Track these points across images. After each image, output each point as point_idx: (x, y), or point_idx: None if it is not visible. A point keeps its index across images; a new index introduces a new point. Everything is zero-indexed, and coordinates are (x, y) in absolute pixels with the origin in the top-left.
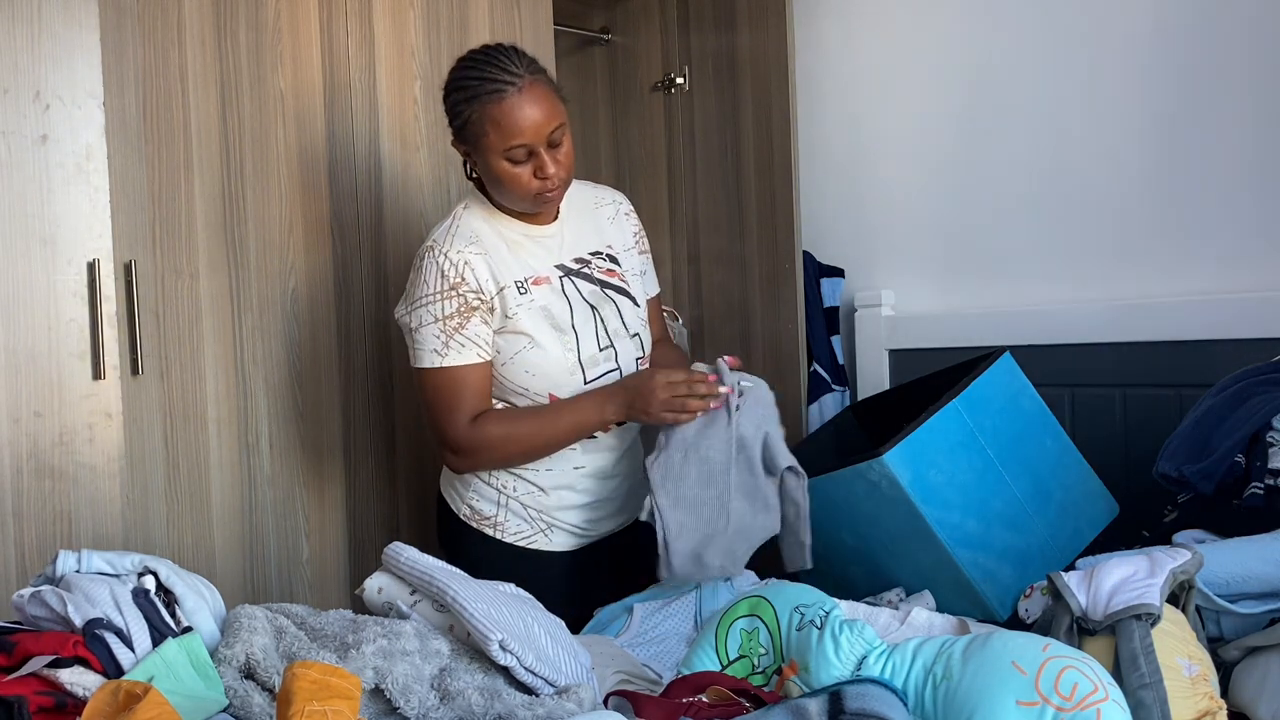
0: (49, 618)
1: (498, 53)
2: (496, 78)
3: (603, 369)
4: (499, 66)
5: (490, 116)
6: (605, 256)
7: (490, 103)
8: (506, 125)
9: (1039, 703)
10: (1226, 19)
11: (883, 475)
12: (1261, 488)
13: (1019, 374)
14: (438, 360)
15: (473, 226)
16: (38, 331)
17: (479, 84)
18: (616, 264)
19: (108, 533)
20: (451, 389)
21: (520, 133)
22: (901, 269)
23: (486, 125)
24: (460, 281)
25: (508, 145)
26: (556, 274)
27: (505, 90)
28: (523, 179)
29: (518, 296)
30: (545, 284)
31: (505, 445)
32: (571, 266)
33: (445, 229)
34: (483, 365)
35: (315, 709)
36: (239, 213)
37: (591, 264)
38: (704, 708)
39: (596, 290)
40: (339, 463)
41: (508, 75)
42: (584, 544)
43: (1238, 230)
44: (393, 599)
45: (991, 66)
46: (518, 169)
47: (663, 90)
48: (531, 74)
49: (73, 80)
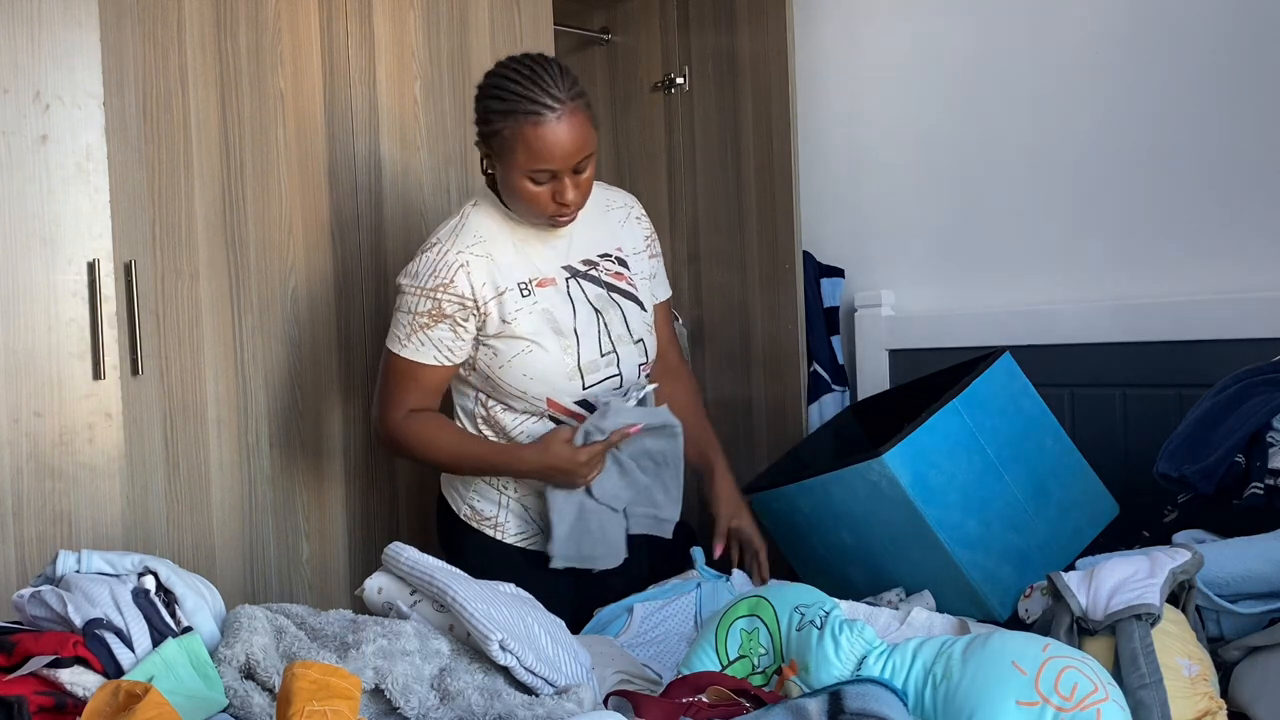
0: (49, 618)
1: (544, 70)
2: (538, 99)
3: (604, 374)
4: (542, 88)
5: (523, 137)
6: (614, 259)
7: (526, 124)
8: (537, 149)
9: (1039, 703)
10: (1226, 19)
11: (883, 475)
12: (1261, 488)
13: (1019, 374)
14: (396, 346)
15: (480, 225)
16: (38, 331)
17: (519, 100)
18: (625, 267)
19: (108, 533)
20: (399, 378)
21: (550, 159)
22: (901, 269)
23: (517, 144)
24: (447, 284)
25: (534, 168)
26: (563, 275)
27: (544, 115)
28: (541, 199)
29: (519, 299)
30: (550, 285)
31: (422, 449)
32: (579, 268)
33: (451, 227)
34: (435, 369)
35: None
36: (239, 213)
37: (599, 266)
38: (704, 708)
39: (602, 294)
40: (339, 463)
41: (550, 99)
42: None
43: (1237, 230)
44: (393, 599)
45: (991, 66)
46: (537, 189)
47: (663, 90)
48: (573, 99)
49: (73, 80)
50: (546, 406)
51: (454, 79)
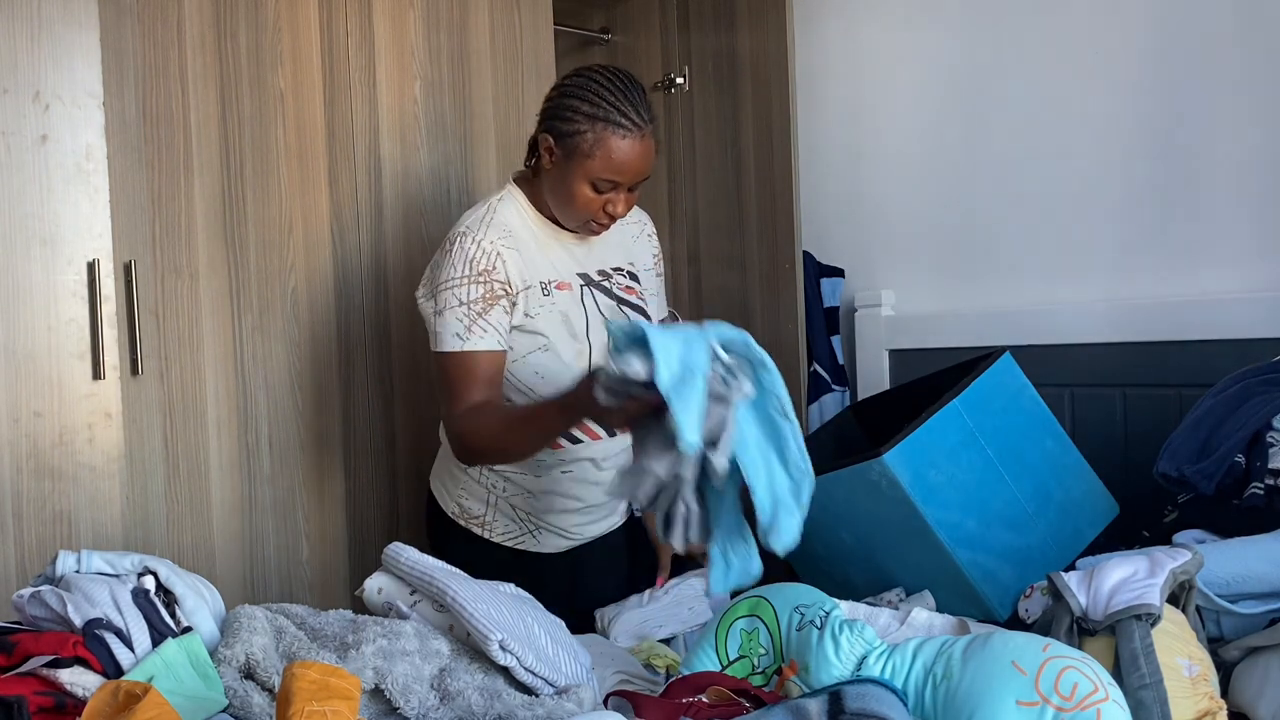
0: (49, 618)
1: (634, 90)
2: (630, 115)
3: None
4: (633, 105)
5: (608, 146)
6: (626, 274)
7: (615, 134)
8: (617, 161)
9: (1039, 703)
10: (1226, 19)
11: (883, 475)
12: (1261, 488)
13: (1019, 374)
14: (459, 344)
15: (508, 219)
16: (38, 331)
17: (612, 110)
18: (636, 281)
19: (108, 533)
20: (466, 374)
21: (623, 173)
22: (901, 269)
23: (598, 150)
24: (490, 269)
25: (603, 176)
26: (578, 282)
27: (633, 132)
28: (593, 206)
29: (541, 298)
30: (567, 290)
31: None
32: (594, 277)
33: (480, 217)
34: (499, 354)
35: (315, 709)
36: (239, 213)
37: (613, 278)
38: (704, 708)
39: (613, 306)
40: (339, 463)
41: (639, 119)
42: (572, 546)
43: (1237, 230)
44: (393, 599)
45: (991, 66)
46: (595, 196)
47: (663, 90)
48: (650, 124)
49: (73, 80)
50: None
51: (454, 79)
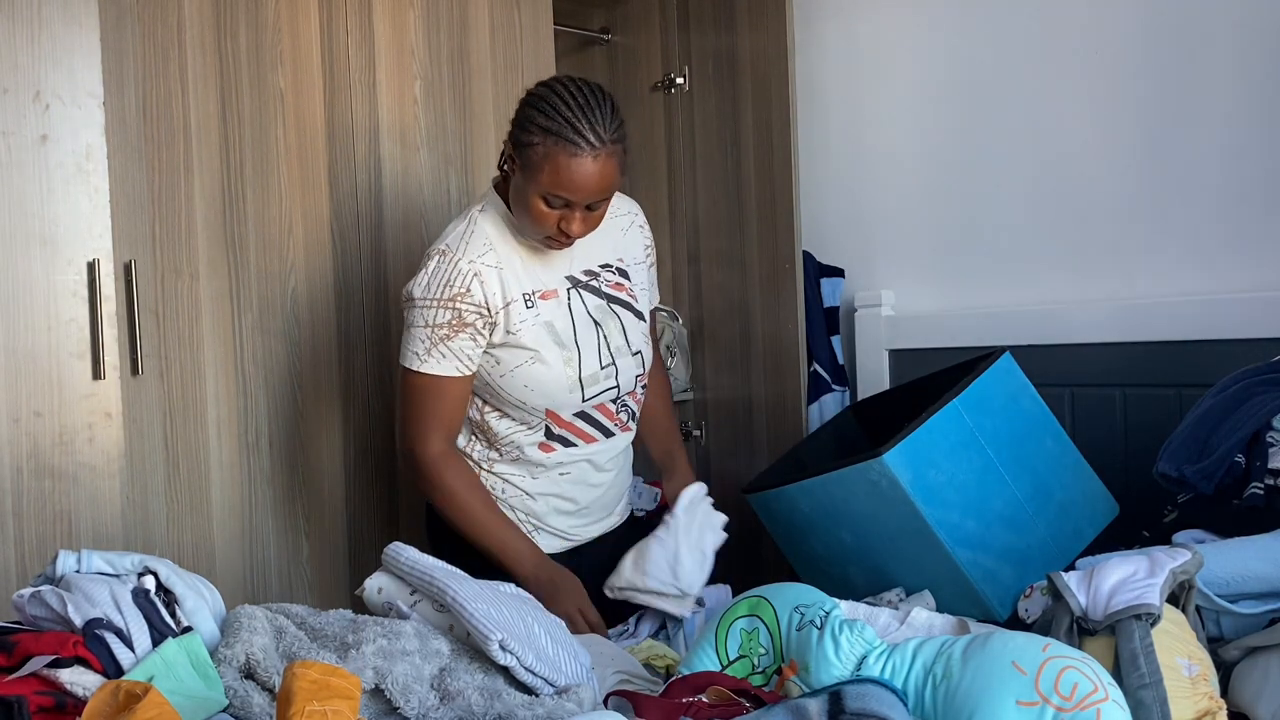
0: (49, 618)
1: (598, 105)
2: (582, 132)
3: (602, 386)
4: (590, 122)
5: (554, 162)
6: (615, 270)
7: (562, 151)
8: (563, 179)
9: (1039, 703)
10: (1226, 19)
11: (883, 475)
12: (1261, 487)
13: (1019, 374)
14: (416, 363)
15: (489, 232)
16: (37, 331)
17: (566, 125)
18: (626, 277)
19: (108, 533)
20: (422, 396)
21: (570, 191)
22: (901, 269)
23: (546, 165)
24: (464, 293)
25: (553, 192)
26: (565, 286)
27: (583, 151)
28: (547, 221)
29: (524, 311)
30: (552, 298)
31: (448, 500)
32: (580, 278)
33: (460, 233)
34: (459, 380)
35: (315, 709)
36: (239, 213)
37: (601, 276)
38: (704, 708)
39: (602, 305)
40: (339, 462)
41: (593, 136)
42: (570, 547)
43: (1237, 230)
44: (393, 599)
45: (991, 66)
46: (547, 210)
47: (663, 90)
48: (613, 143)
49: (73, 80)
50: (545, 417)
51: (454, 79)
